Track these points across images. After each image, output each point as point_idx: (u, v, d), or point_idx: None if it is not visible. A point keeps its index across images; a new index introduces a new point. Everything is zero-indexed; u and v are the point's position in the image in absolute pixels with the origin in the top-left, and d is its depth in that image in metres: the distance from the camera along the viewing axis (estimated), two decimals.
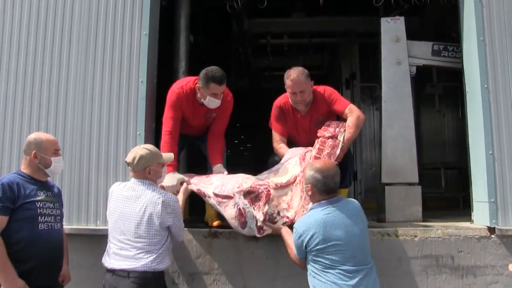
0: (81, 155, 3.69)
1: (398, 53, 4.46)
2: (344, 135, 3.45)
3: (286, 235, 2.92)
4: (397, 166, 4.28)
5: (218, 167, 3.62)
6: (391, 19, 4.59)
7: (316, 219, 2.61)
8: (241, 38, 6.87)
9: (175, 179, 3.35)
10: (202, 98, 3.56)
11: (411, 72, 4.48)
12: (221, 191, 3.21)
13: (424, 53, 4.55)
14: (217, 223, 3.48)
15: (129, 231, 2.73)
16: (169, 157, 3.11)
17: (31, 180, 2.67)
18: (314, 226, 2.59)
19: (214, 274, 3.36)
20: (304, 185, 2.84)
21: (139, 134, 3.66)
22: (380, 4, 4.71)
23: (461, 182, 6.37)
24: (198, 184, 3.38)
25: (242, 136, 11.56)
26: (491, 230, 3.41)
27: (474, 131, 3.76)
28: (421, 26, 5.94)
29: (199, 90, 3.54)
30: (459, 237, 3.39)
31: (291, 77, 3.55)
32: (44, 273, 2.60)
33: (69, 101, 3.76)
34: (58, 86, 3.79)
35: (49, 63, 3.82)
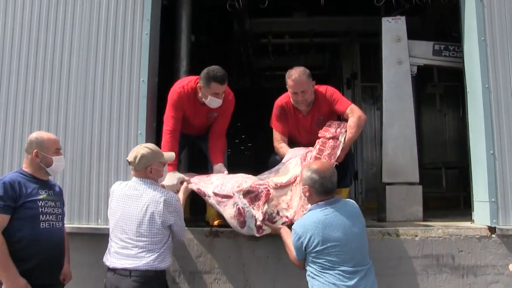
0: (82, 154, 3.70)
1: (399, 52, 4.47)
2: (345, 136, 3.45)
3: (286, 235, 2.91)
4: (398, 165, 4.29)
5: (219, 167, 3.62)
6: (392, 19, 4.60)
7: (315, 220, 2.61)
8: (242, 38, 6.87)
9: (175, 178, 3.35)
10: (203, 98, 3.56)
11: (412, 72, 4.48)
12: (220, 190, 3.21)
13: (425, 52, 4.55)
14: (218, 222, 3.47)
15: (131, 230, 2.73)
16: (170, 156, 3.11)
17: (33, 179, 2.68)
18: (313, 228, 2.59)
19: (215, 273, 3.37)
20: (301, 186, 2.84)
21: (140, 133, 3.67)
22: (381, 4, 4.71)
23: (462, 181, 6.36)
24: (198, 183, 3.38)
25: (243, 136, 11.56)
26: (492, 230, 3.42)
27: (475, 130, 3.77)
28: (422, 26, 5.93)
29: (200, 89, 3.54)
30: (459, 236, 3.39)
31: (293, 77, 3.54)
32: (46, 271, 2.61)
33: (70, 100, 3.77)
34: (60, 85, 3.79)
35: (50, 62, 3.82)
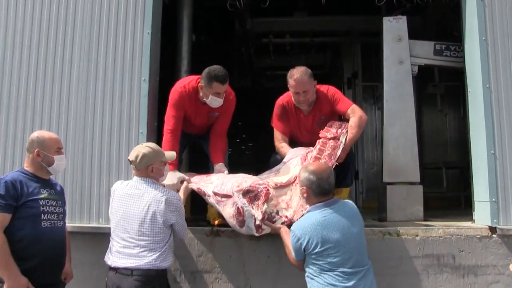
0: (83, 153, 3.70)
1: (400, 52, 4.47)
2: (346, 136, 3.45)
3: (285, 235, 2.91)
4: (399, 165, 4.29)
5: (219, 166, 3.62)
6: (393, 19, 4.60)
7: (314, 222, 2.62)
8: (243, 37, 6.88)
9: (175, 177, 3.36)
10: (204, 97, 3.56)
11: (413, 72, 4.48)
12: (220, 190, 3.21)
13: (426, 52, 4.55)
14: (218, 221, 3.47)
15: (132, 229, 2.74)
16: (171, 155, 3.11)
17: (34, 178, 2.68)
18: (312, 229, 2.59)
19: (215, 273, 3.37)
20: (299, 187, 2.85)
21: (141, 133, 3.67)
22: (382, 3, 4.70)
23: (463, 181, 6.36)
24: (198, 183, 3.38)
25: (244, 135, 11.55)
26: (492, 230, 3.42)
27: (475, 130, 3.77)
28: (423, 26, 5.93)
29: (201, 89, 3.54)
30: (460, 236, 3.39)
31: (294, 76, 3.54)
32: (47, 270, 2.61)
33: (71, 99, 3.77)
34: (61, 84, 3.79)
35: (51, 60, 3.82)
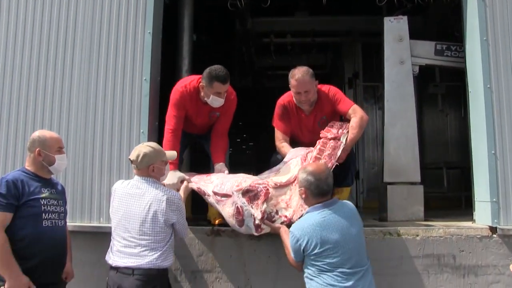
0: (84, 152, 3.70)
1: (401, 52, 4.47)
2: (347, 137, 3.44)
3: (285, 235, 2.90)
4: (400, 165, 4.29)
5: (220, 166, 3.62)
6: (394, 19, 4.60)
7: (313, 222, 2.62)
8: (244, 37, 6.88)
9: (176, 177, 3.37)
10: (205, 97, 3.56)
11: (414, 72, 4.49)
12: (220, 189, 3.21)
13: (427, 52, 4.55)
14: (219, 221, 3.48)
15: (133, 228, 2.74)
16: (172, 155, 3.12)
17: (35, 177, 2.68)
18: (311, 230, 2.59)
19: (216, 272, 3.38)
20: (298, 188, 2.85)
21: (142, 132, 3.67)
22: (383, 3, 4.70)
23: (463, 181, 6.35)
24: (198, 182, 3.38)
25: (245, 135, 11.56)
26: (493, 230, 3.42)
27: (476, 130, 3.76)
28: (424, 26, 5.94)
29: (202, 89, 3.54)
30: (460, 236, 3.39)
31: (296, 76, 3.53)
32: (48, 270, 2.62)
33: (73, 99, 3.77)
34: (62, 84, 3.80)
35: (53, 61, 3.82)
